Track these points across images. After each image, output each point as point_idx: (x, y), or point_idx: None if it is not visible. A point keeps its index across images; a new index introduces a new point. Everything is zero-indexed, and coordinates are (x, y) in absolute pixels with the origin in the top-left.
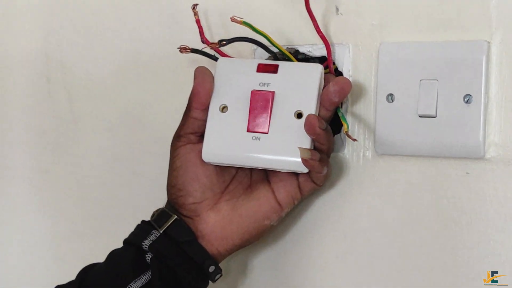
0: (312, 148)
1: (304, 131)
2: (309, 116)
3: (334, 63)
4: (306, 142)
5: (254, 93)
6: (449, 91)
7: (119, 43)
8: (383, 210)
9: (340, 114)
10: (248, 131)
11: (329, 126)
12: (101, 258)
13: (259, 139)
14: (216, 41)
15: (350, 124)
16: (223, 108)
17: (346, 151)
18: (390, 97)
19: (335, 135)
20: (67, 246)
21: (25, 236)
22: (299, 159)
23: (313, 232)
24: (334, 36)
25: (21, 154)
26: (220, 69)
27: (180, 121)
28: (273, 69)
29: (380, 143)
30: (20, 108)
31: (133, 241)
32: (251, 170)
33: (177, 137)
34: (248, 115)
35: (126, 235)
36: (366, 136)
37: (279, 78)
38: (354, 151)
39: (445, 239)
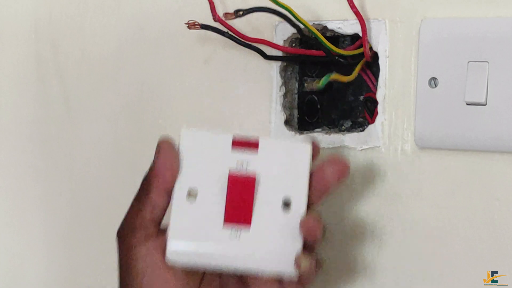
0: (302, 244)
1: (292, 225)
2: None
3: (368, 42)
4: (297, 241)
5: (232, 179)
6: (502, 75)
7: (119, 18)
8: (424, 213)
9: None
10: (225, 224)
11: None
12: (97, 266)
13: (239, 237)
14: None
15: (387, 113)
16: (191, 194)
17: (381, 144)
18: (433, 82)
19: (369, 125)
20: (60, 253)
21: (12, 241)
22: (289, 263)
23: (340, 247)
24: (368, 11)
25: (7, 148)
26: (186, 142)
27: (130, 207)
28: (252, 147)
29: (421, 135)
30: (4, 95)
31: None
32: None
33: (131, 229)
34: (224, 204)
35: None
36: (405, 127)
37: (260, 157)
38: (391, 144)
39: (496, 245)
